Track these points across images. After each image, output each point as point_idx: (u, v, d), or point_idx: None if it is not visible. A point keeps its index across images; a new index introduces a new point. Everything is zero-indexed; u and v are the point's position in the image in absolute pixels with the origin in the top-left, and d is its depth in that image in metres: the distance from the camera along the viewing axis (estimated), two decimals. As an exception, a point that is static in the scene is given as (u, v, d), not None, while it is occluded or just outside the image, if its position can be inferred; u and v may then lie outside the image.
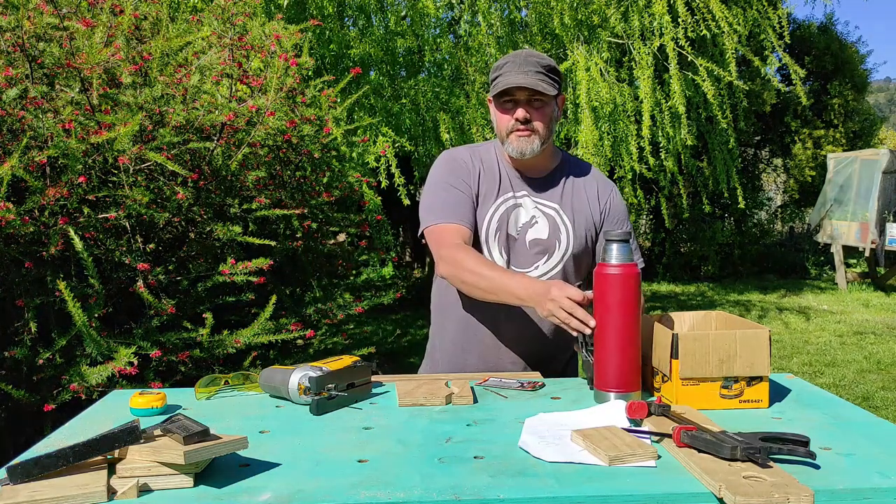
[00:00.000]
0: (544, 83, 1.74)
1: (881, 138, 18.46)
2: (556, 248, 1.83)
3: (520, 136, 1.77)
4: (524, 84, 1.71)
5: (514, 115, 1.76)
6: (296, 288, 3.17)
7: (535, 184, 1.86)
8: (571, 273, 1.86)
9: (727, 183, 7.60)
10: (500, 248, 1.82)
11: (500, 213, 1.82)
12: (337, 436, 1.29)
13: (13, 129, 2.31)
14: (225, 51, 2.80)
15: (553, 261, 1.83)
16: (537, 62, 1.75)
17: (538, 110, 1.77)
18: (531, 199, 1.84)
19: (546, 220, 1.83)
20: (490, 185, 1.84)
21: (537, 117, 1.77)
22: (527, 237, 1.82)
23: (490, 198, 1.83)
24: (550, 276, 1.83)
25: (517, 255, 1.82)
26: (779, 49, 7.01)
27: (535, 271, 1.82)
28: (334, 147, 3.23)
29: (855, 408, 1.44)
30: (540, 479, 1.07)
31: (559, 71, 1.81)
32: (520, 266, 1.82)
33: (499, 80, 1.77)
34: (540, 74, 1.74)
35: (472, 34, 6.76)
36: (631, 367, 1.43)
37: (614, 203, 1.91)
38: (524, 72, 1.73)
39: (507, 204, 1.83)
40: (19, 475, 1.02)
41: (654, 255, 12.79)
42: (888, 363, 6.12)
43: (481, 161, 1.87)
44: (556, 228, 1.83)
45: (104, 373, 2.15)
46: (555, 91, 1.76)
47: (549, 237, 1.82)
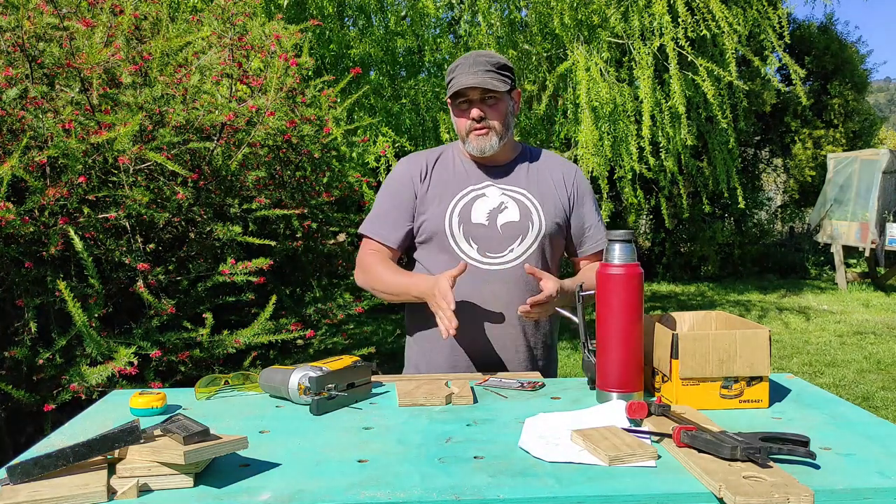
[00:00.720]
0: (495, 80, 1.81)
1: (881, 138, 18.46)
2: (529, 230, 1.87)
3: (478, 134, 1.85)
4: (475, 84, 1.79)
5: (469, 116, 1.84)
6: (296, 288, 3.17)
7: (497, 174, 1.92)
8: (548, 254, 1.91)
9: (727, 183, 7.60)
10: (467, 238, 1.86)
11: (461, 207, 1.88)
12: (337, 436, 1.29)
13: (13, 129, 2.31)
14: (225, 51, 2.80)
15: (527, 242, 1.87)
16: (487, 61, 1.83)
17: (492, 108, 1.85)
18: (496, 188, 1.90)
19: (516, 204, 1.88)
20: (446, 184, 1.91)
21: (492, 115, 1.85)
22: (498, 222, 1.87)
23: (447, 196, 1.89)
24: (526, 257, 1.86)
25: (489, 241, 1.86)
26: (779, 49, 7.01)
27: (511, 254, 1.86)
28: (334, 147, 3.23)
29: (855, 408, 1.44)
30: (540, 479, 1.07)
31: (511, 67, 1.89)
32: (493, 252, 1.85)
33: (452, 83, 1.85)
34: (490, 73, 1.82)
35: (472, 34, 6.76)
36: (633, 367, 1.43)
37: (579, 184, 1.98)
38: (474, 72, 1.81)
39: (468, 197, 1.89)
40: (19, 475, 1.02)
41: (654, 255, 12.79)
42: (888, 363, 6.12)
43: (437, 162, 1.95)
44: (526, 211, 1.88)
45: (104, 373, 2.15)
46: (506, 87, 1.83)
47: (521, 219, 1.87)
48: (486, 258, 1.84)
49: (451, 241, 1.85)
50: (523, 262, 1.84)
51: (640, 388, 1.45)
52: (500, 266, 1.84)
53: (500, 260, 1.85)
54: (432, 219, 1.87)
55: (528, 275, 1.80)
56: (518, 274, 1.84)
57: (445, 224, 1.85)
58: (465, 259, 1.84)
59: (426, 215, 1.88)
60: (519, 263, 1.84)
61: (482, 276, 1.84)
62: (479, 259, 1.84)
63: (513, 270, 1.84)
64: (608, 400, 1.44)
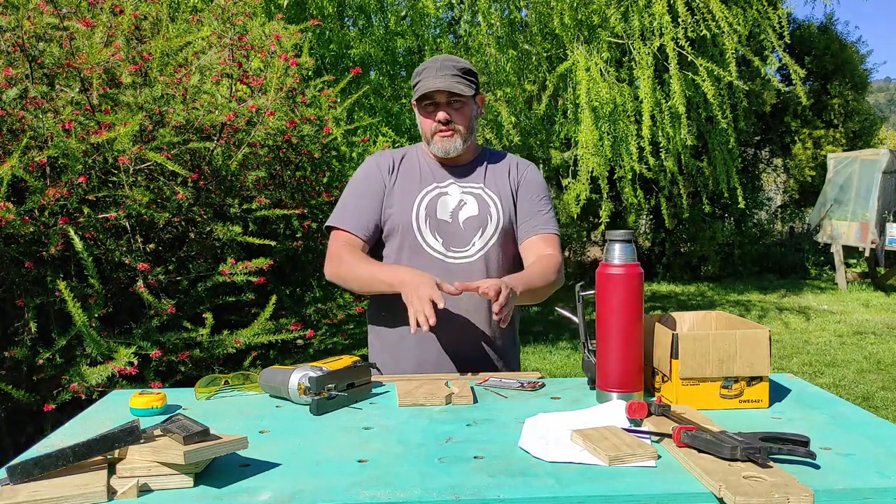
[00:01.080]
0: (461, 84, 1.88)
1: (881, 138, 18.46)
2: (489, 222, 1.93)
3: (443, 136, 1.91)
4: (442, 87, 1.85)
5: (435, 118, 1.90)
6: (296, 288, 3.17)
7: (458, 173, 1.98)
8: (506, 247, 1.96)
9: (727, 183, 7.60)
10: (433, 232, 1.91)
11: (427, 202, 1.93)
12: (337, 436, 1.29)
13: (13, 129, 2.31)
14: (225, 51, 2.80)
15: (488, 234, 1.92)
16: (453, 66, 1.89)
17: (458, 111, 1.91)
18: (457, 186, 1.97)
19: (474, 199, 1.95)
20: (412, 181, 1.96)
21: (457, 118, 1.91)
22: (460, 218, 1.92)
23: (414, 191, 1.95)
24: (487, 250, 1.91)
25: (453, 236, 1.91)
26: (779, 49, 7.01)
27: (473, 247, 1.91)
28: (334, 147, 3.23)
29: (855, 408, 1.44)
30: (540, 479, 1.07)
31: (475, 73, 1.95)
32: (457, 245, 1.91)
33: (419, 86, 1.90)
34: (456, 77, 1.88)
35: (472, 34, 6.77)
36: (633, 367, 1.43)
37: (529, 177, 2.03)
38: (441, 76, 1.87)
39: (433, 193, 1.94)
40: (19, 475, 1.02)
41: (654, 255, 12.80)
42: (888, 363, 6.12)
43: (403, 161, 2.01)
44: (484, 204, 1.95)
45: (104, 373, 2.15)
46: (472, 91, 1.90)
47: (480, 212, 1.93)
48: (451, 252, 1.90)
49: (417, 234, 1.90)
50: (485, 254, 1.90)
51: (640, 388, 1.45)
52: (464, 260, 1.90)
53: (464, 254, 1.90)
54: (399, 212, 1.91)
55: (493, 266, 1.89)
56: (482, 266, 1.90)
57: (412, 217, 1.90)
58: (430, 252, 1.90)
59: (393, 208, 1.93)
60: (482, 256, 1.90)
61: (447, 270, 1.88)
62: (444, 253, 1.90)
63: (476, 263, 1.90)
64: (608, 400, 1.44)
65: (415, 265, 1.87)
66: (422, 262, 1.88)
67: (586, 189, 6.57)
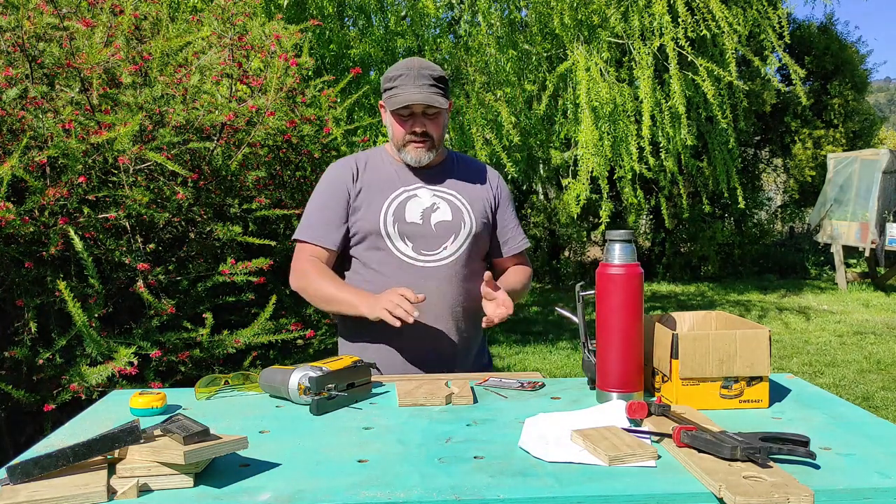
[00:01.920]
0: (439, 97, 1.87)
1: (881, 138, 18.46)
2: (461, 228, 1.93)
3: (417, 147, 1.91)
4: (421, 101, 1.84)
5: (411, 127, 1.89)
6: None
7: (427, 176, 1.98)
8: (475, 252, 1.97)
9: (727, 183, 7.60)
10: (402, 237, 1.90)
11: (395, 207, 1.91)
12: (337, 436, 1.29)
13: (13, 129, 2.31)
14: (225, 51, 2.80)
15: (460, 240, 1.92)
16: (430, 75, 1.87)
17: (433, 121, 1.90)
18: (427, 189, 1.96)
19: (447, 204, 1.94)
20: (379, 186, 1.94)
21: (432, 127, 1.91)
22: (432, 221, 1.91)
23: (381, 197, 1.93)
24: (457, 255, 1.91)
25: (423, 239, 1.90)
26: (779, 49, 7.01)
27: (444, 251, 1.91)
28: (334, 147, 3.22)
29: (855, 408, 1.44)
30: (540, 479, 1.07)
31: (447, 79, 1.94)
32: (427, 249, 1.90)
33: (395, 94, 1.87)
34: (433, 88, 1.87)
35: (472, 34, 6.77)
36: (633, 367, 1.43)
37: (502, 188, 2.07)
38: (419, 86, 1.85)
39: (401, 197, 1.93)
40: (19, 475, 1.02)
41: (654, 255, 12.79)
42: (888, 363, 6.12)
43: (367, 166, 1.98)
44: (458, 210, 1.94)
45: (104, 373, 2.15)
46: (447, 102, 1.89)
47: (453, 218, 1.93)
48: (421, 255, 1.89)
49: (386, 239, 1.89)
50: (456, 259, 1.91)
51: (640, 388, 1.45)
52: (434, 263, 1.89)
53: (435, 257, 1.90)
54: (367, 218, 1.90)
55: (461, 271, 1.90)
56: (452, 271, 1.90)
57: (380, 223, 1.89)
58: (400, 256, 1.89)
59: (360, 215, 1.91)
60: (452, 261, 1.90)
61: (417, 274, 1.88)
62: (414, 257, 1.89)
63: (447, 267, 1.90)
64: (608, 400, 1.44)
65: (385, 270, 1.88)
66: (391, 266, 1.88)
67: (586, 189, 6.57)
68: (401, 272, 1.87)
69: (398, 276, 1.86)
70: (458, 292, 1.90)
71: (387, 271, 1.88)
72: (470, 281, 1.92)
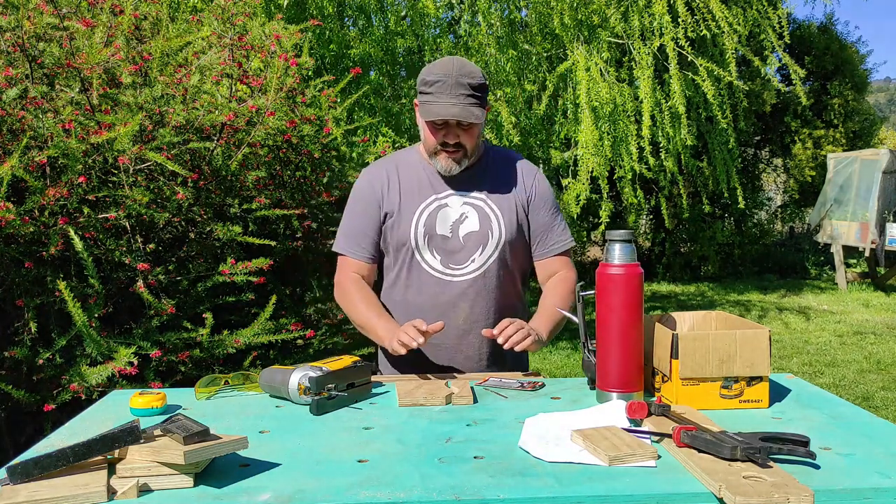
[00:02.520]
0: (475, 108, 1.77)
1: (881, 138, 18.45)
2: (489, 238, 1.87)
3: (449, 156, 1.83)
4: (456, 117, 1.75)
5: (443, 137, 1.81)
6: (296, 288, 3.17)
7: (458, 181, 1.90)
8: (510, 261, 1.90)
9: (727, 183, 7.60)
10: (432, 249, 1.86)
11: (426, 218, 1.87)
12: (337, 436, 1.29)
13: (13, 129, 2.31)
14: (225, 51, 2.80)
15: (488, 251, 1.87)
16: (469, 83, 1.77)
17: (467, 131, 1.82)
18: (457, 197, 1.89)
19: (475, 213, 1.88)
20: (410, 193, 1.89)
21: (466, 138, 1.82)
22: (460, 233, 1.87)
23: (412, 205, 1.88)
24: (487, 266, 1.87)
25: (452, 253, 1.86)
26: (779, 49, 7.01)
27: (473, 264, 1.86)
28: (334, 147, 3.22)
29: (855, 408, 1.44)
30: (540, 479, 1.07)
31: (486, 86, 1.83)
32: (456, 263, 1.86)
33: (430, 103, 1.79)
34: (470, 99, 1.77)
35: (472, 34, 6.76)
36: (633, 367, 1.43)
37: (539, 188, 1.95)
38: (456, 96, 1.76)
39: (432, 207, 1.87)
40: (19, 475, 1.02)
41: (654, 255, 12.79)
42: (888, 363, 6.12)
43: (398, 171, 1.92)
44: (486, 218, 1.87)
45: (104, 373, 2.15)
46: (483, 116, 1.79)
47: (480, 227, 1.87)
48: (449, 269, 1.86)
49: (416, 252, 1.87)
50: (484, 271, 1.86)
51: (640, 388, 1.45)
52: (462, 277, 1.86)
53: (463, 271, 1.86)
54: (399, 230, 1.88)
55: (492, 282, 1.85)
56: (480, 284, 1.86)
57: (411, 235, 1.86)
58: (428, 270, 1.86)
59: (391, 226, 1.89)
60: (480, 274, 1.86)
61: (445, 288, 1.86)
62: (442, 270, 1.86)
63: (474, 281, 1.86)
64: (608, 400, 1.44)
65: (413, 282, 1.87)
66: (420, 279, 1.87)
67: (586, 189, 6.57)
68: (428, 285, 1.85)
69: (427, 291, 1.85)
70: (489, 304, 1.87)
71: (416, 286, 1.87)
72: (504, 288, 1.89)
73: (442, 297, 1.85)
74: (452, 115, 1.75)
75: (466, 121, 1.76)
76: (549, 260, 1.96)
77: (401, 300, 1.91)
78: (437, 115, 1.76)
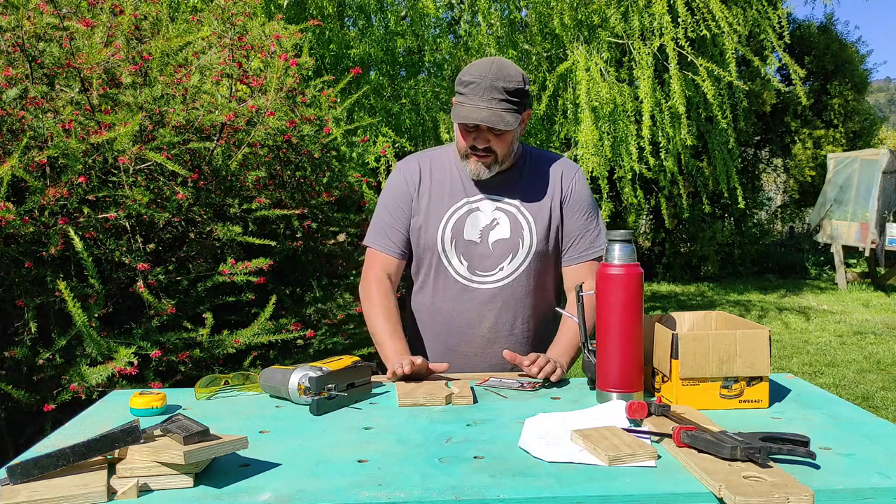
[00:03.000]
0: (508, 115, 1.70)
1: (881, 138, 18.44)
2: (520, 246, 1.82)
3: (477, 160, 1.77)
4: (484, 122, 1.68)
5: (473, 141, 1.75)
6: (296, 288, 3.17)
7: (492, 186, 1.84)
8: (539, 271, 1.85)
9: (727, 183, 7.60)
10: (459, 254, 1.82)
11: (455, 221, 1.83)
12: (337, 436, 1.29)
13: (13, 129, 2.31)
14: (225, 51, 2.80)
15: (518, 260, 1.82)
16: (503, 88, 1.69)
17: (499, 137, 1.75)
18: (490, 201, 1.84)
19: (507, 219, 1.83)
20: (441, 193, 1.85)
21: (497, 143, 1.75)
22: (490, 240, 1.82)
23: (442, 207, 1.84)
24: (516, 276, 1.83)
25: (480, 259, 1.82)
26: (779, 49, 7.01)
27: (500, 272, 1.82)
28: (334, 147, 3.22)
29: (855, 408, 1.44)
30: (540, 479, 1.07)
31: (526, 90, 1.75)
32: (483, 270, 1.82)
33: (461, 105, 1.72)
34: (504, 104, 1.69)
35: (472, 34, 6.76)
36: (633, 367, 1.43)
37: (577, 189, 1.87)
38: (487, 100, 1.68)
39: (462, 210, 1.83)
40: (19, 475, 1.02)
41: (654, 255, 12.79)
42: (888, 363, 6.12)
43: (432, 170, 1.87)
44: (517, 226, 1.82)
45: (104, 373, 2.15)
46: (516, 122, 1.72)
47: (511, 235, 1.82)
48: (476, 276, 1.83)
49: (442, 256, 1.83)
50: (512, 280, 1.83)
51: (640, 388, 1.45)
52: (489, 285, 1.83)
53: (490, 279, 1.83)
54: (426, 231, 1.85)
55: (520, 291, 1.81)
56: (507, 293, 1.82)
57: (438, 239, 1.83)
58: (454, 276, 1.83)
59: (420, 225, 1.86)
60: (509, 282, 1.82)
61: (469, 295, 1.83)
62: (468, 277, 1.83)
63: (501, 289, 1.82)
64: (608, 400, 1.44)
65: (437, 286, 1.84)
66: (445, 284, 1.84)
67: (586, 189, 6.56)
68: (452, 291, 1.83)
69: (453, 298, 1.83)
70: (517, 314, 1.83)
71: (442, 291, 1.84)
72: (533, 297, 1.84)
73: (468, 304, 1.82)
74: (480, 120, 1.68)
75: (496, 127, 1.69)
76: (578, 266, 1.87)
77: (429, 304, 1.88)
78: (464, 119, 1.70)
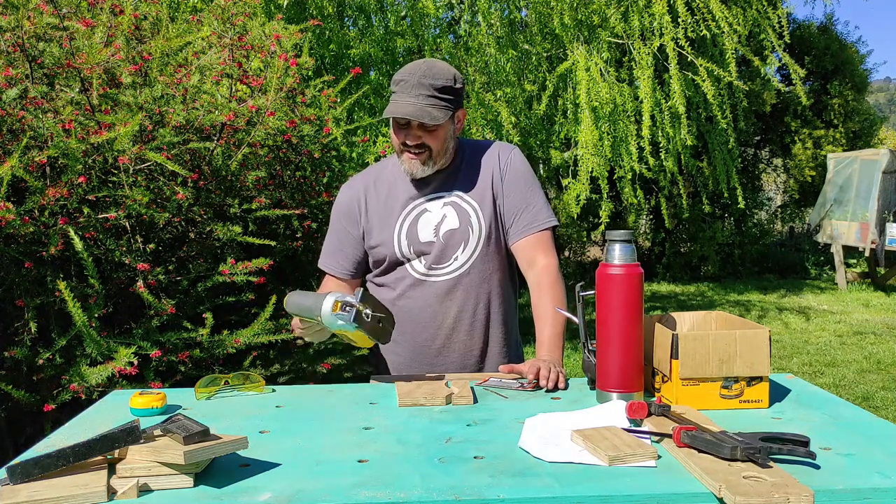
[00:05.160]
0: (434, 110, 1.71)
1: (881, 138, 18.43)
2: (470, 235, 1.84)
3: (411, 158, 1.79)
4: (410, 116, 1.71)
5: (404, 138, 1.77)
6: (296, 288, 3.17)
7: (434, 185, 1.86)
8: (496, 253, 1.87)
9: (727, 183, 7.60)
10: (418, 257, 1.85)
11: (407, 227, 1.85)
12: (337, 436, 1.29)
13: (13, 129, 2.31)
14: (225, 51, 2.80)
15: (470, 248, 1.84)
16: (431, 84, 1.72)
17: (430, 133, 1.76)
18: (436, 199, 1.86)
19: (454, 211, 1.84)
20: (388, 206, 1.87)
21: (429, 139, 1.76)
22: (441, 234, 1.84)
23: (391, 217, 1.86)
24: (471, 263, 1.84)
25: (435, 254, 1.84)
26: (779, 49, 7.01)
27: (455, 262, 1.84)
28: (334, 147, 3.22)
29: (855, 408, 1.44)
30: (540, 479, 1.07)
31: (457, 88, 1.77)
32: (438, 263, 1.84)
33: (391, 101, 1.75)
34: (432, 99, 1.71)
35: (472, 34, 6.76)
36: (633, 367, 1.43)
37: (514, 165, 1.87)
38: (414, 96, 1.71)
39: (411, 215, 1.85)
40: (19, 475, 1.02)
41: (654, 255, 12.79)
42: (888, 363, 6.12)
43: (376, 187, 1.90)
44: (464, 214, 1.84)
45: (104, 373, 2.15)
46: (446, 117, 1.73)
47: (460, 225, 1.84)
48: (432, 270, 1.85)
49: (404, 261, 1.87)
50: (469, 267, 1.84)
51: (640, 388, 1.45)
52: (445, 276, 1.84)
53: (445, 270, 1.85)
54: (382, 245, 1.87)
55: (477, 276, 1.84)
56: (467, 279, 1.84)
57: (396, 249, 1.85)
58: (415, 275, 1.85)
59: (374, 242, 1.88)
60: (465, 270, 1.84)
61: (429, 289, 1.85)
62: (426, 273, 1.85)
63: (458, 278, 1.84)
64: (608, 400, 1.44)
65: (398, 286, 1.88)
66: (405, 283, 1.87)
67: (586, 189, 6.57)
68: (415, 289, 1.85)
69: (411, 294, 1.85)
70: (478, 299, 1.86)
71: (400, 289, 1.87)
72: (491, 281, 1.86)
73: (429, 297, 1.85)
74: (406, 114, 1.71)
75: (422, 121, 1.71)
76: (526, 241, 1.85)
77: (390, 303, 1.89)
78: (392, 113, 1.73)
